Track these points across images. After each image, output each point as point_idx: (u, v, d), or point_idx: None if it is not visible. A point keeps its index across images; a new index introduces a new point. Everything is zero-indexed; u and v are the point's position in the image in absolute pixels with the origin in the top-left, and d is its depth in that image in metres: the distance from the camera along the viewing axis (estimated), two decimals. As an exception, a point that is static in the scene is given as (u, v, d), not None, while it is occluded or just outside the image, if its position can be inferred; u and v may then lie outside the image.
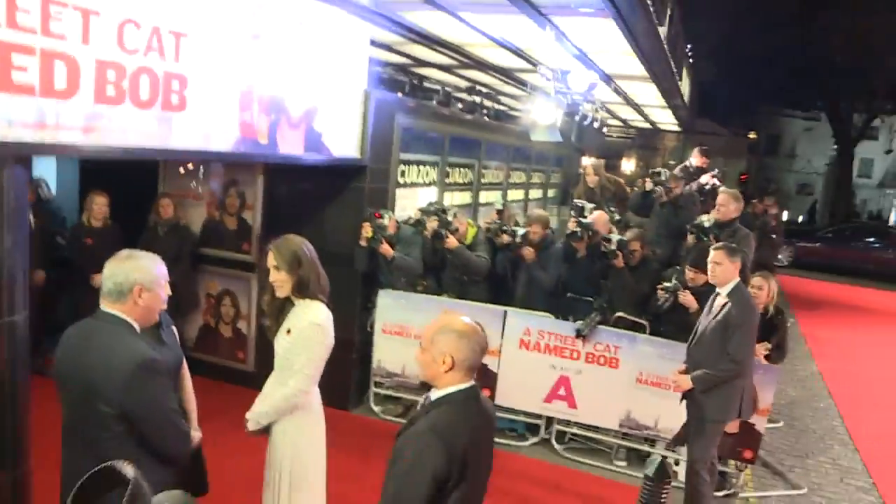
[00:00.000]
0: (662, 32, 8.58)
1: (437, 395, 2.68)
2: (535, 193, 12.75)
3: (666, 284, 5.87)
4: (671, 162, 11.54)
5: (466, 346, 2.62)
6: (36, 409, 3.71)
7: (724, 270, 4.80)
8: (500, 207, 8.06)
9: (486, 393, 6.10)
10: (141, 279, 2.89)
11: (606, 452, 6.41)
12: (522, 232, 6.76)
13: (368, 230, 6.32)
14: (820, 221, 36.07)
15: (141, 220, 7.03)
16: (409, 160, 7.68)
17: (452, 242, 6.55)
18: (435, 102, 8.81)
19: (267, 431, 3.64)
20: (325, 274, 3.62)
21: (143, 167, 7.30)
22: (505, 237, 6.81)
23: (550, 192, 13.61)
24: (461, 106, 9.68)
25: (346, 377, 6.88)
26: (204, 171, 7.36)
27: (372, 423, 6.80)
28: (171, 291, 3.06)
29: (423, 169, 8.12)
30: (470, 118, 9.50)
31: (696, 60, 15.63)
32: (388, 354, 6.81)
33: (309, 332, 3.46)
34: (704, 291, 5.37)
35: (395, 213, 6.88)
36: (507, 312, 6.43)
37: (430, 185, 8.39)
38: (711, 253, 4.90)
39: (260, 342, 6.89)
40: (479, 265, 6.68)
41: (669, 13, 9.43)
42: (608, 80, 8.94)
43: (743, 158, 29.81)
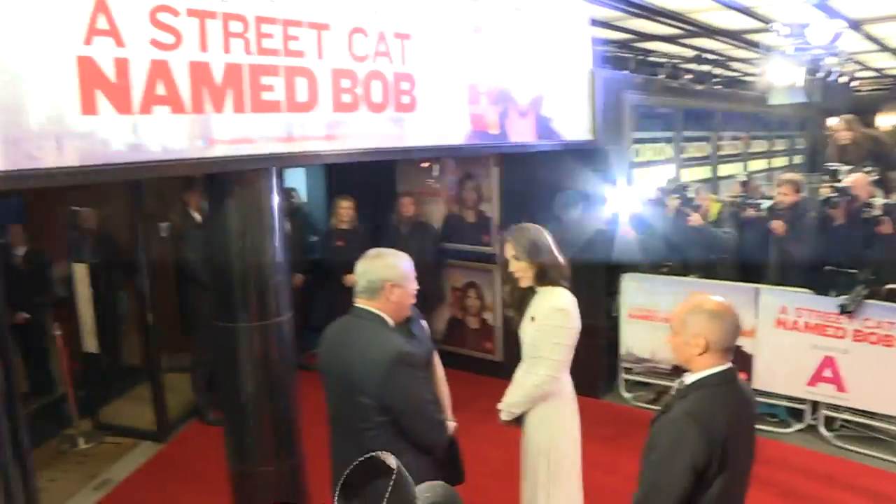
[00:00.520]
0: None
1: (691, 378, 2.54)
2: (778, 162, 11.94)
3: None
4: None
5: (720, 326, 2.47)
6: (302, 401, 3.97)
7: None
8: (744, 179, 7.59)
9: (742, 377, 5.87)
10: (391, 276, 3.00)
11: (888, 442, 5.78)
12: (768, 204, 6.28)
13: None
14: None
15: (385, 219, 7.35)
16: (642, 138, 7.44)
17: (696, 220, 6.24)
18: (663, 76, 8.46)
19: (520, 421, 3.64)
20: (564, 259, 3.56)
21: (382, 170, 7.65)
22: (751, 210, 6.38)
23: (796, 158, 12.67)
24: (690, 77, 9.23)
25: (594, 364, 6.79)
26: (440, 167, 7.56)
27: (623, 409, 6.67)
28: (418, 286, 3.16)
29: (657, 146, 7.85)
30: (702, 88, 9.02)
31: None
32: (636, 339, 6.65)
33: (553, 317, 3.42)
34: None
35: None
36: (759, 290, 6.02)
37: (666, 161, 8.09)
38: None
39: (506, 332, 6.98)
40: (725, 242, 6.32)
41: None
42: (856, 26, 8.10)
43: None
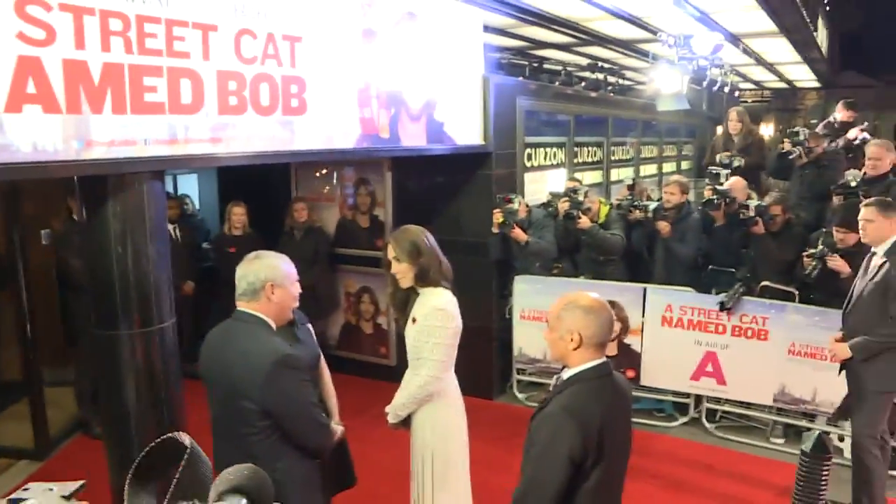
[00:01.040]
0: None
1: (568, 374, 2.61)
2: (668, 167, 12.37)
3: (812, 250, 5.48)
4: (813, 121, 10.87)
5: (594, 321, 2.55)
6: (194, 411, 3.88)
7: (876, 228, 4.43)
8: (630, 182, 7.83)
9: (630, 374, 6.10)
10: (271, 276, 2.97)
11: (762, 430, 6.09)
12: (654, 206, 6.51)
13: (499, 216, 6.27)
14: None
15: (278, 226, 7.27)
16: (534, 143, 7.59)
17: (585, 222, 6.39)
18: (557, 84, 8.67)
19: (408, 423, 3.66)
20: (446, 260, 3.60)
21: (276, 175, 7.57)
22: (637, 212, 6.60)
23: (684, 164, 13.16)
24: (584, 84, 9.49)
25: (487, 366, 6.89)
26: (334, 172, 7.54)
27: (516, 410, 6.76)
28: (301, 290, 3.14)
29: (549, 151, 8.02)
30: (594, 95, 9.30)
31: (834, 9, 14.62)
32: (528, 341, 6.74)
33: (433, 317, 3.44)
34: (856, 253, 4.99)
35: (525, 197, 6.81)
36: (646, 290, 6.24)
37: (558, 166, 8.27)
38: (862, 210, 4.53)
39: (400, 336, 6.98)
40: (613, 244, 6.50)
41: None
42: (735, 40, 8.53)
43: (899, 109, 27.65)
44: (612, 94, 9.95)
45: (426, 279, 3.49)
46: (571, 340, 2.54)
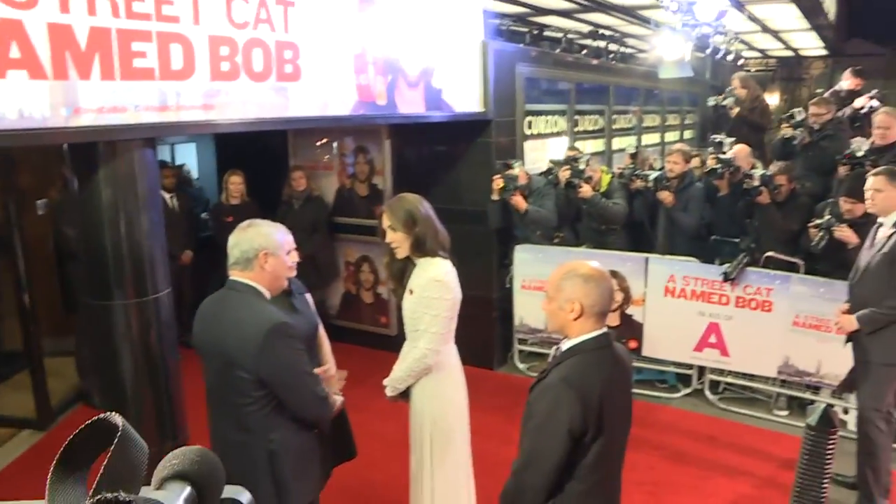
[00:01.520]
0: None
1: (567, 344, 2.54)
2: (670, 136, 12.25)
3: (818, 221, 5.39)
4: (818, 90, 10.73)
5: (594, 290, 2.47)
6: (193, 380, 3.83)
7: (885, 198, 4.32)
8: (633, 151, 7.72)
9: (632, 344, 6.04)
10: (264, 244, 2.90)
11: (765, 402, 6.06)
12: (656, 175, 6.40)
13: (500, 182, 6.20)
14: None
15: (277, 195, 7.20)
16: (535, 111, 7.50)
17: (587, 191, 6.31)
18: (558, 51, 8.54)
19: (406, 396, 3.60)
20: (443, 229, 3.51)
21: (274, 144, 7.49)
22: (639, 182, 6.51)
23: (687, 133, 13.03)
24: (585, 52, 9.35)
25: (488, 336, 6.86)
26: (332, 141, 7.45)
27: (517, 380, 6.73)
28: (301, 259, 3.08)
29: (550, 119, 7.92)
30: (596, 63, 9.16)
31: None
32: (529, 310, 6.70)
33: (430, 289, 3.36)
34: (863, 223, 4.90)
35: (525, 165, 6.72)
36: (648, 259, 6.17)
37: (559, 134, 8.17)
38: (870, 179, 4.42)
39: (400, 305, 6.96)
40: (615, 213, 6.42)
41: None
42: (739, 5, 8.37)
43: (907, 77, 27.42)
44: (613, 61, 9.81)
45: (423, 249, 3.40)
46: (571, 311, 2.47)
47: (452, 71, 5.68)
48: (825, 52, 15.20)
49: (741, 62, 13.37)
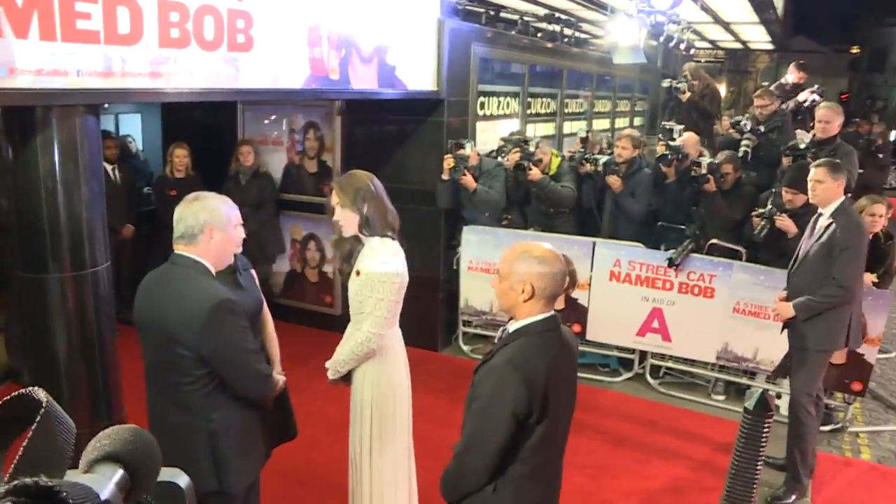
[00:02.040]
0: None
1: (515, 326, 2.52)
2: (621, 122, 12.36)
3: (761, 210, 5.50)
4: (764, 83, 10.92)
5: (547, 273, 2.46)
6: (131, 357, 3.74)
7: (825, 189, 4.43)
8: (583, 135, 7.75)
9: (576, 328, 6.09)
10: (211, 219, 2.82)
11: (703, 386, 6.19)
12: (605, 160, 6.44)
13: (450, 161, 6.17)
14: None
15: (224, 169, 7.06)
16: (488, 91, 7.47)
17: (536, 174, 6.31)
18: (514, 33, 8.52)
19: (349, 379, 3.54)
20: (393, 209, 3.45)
21: (223, 118, 7.34)
22: (589, 166, 6.54)
23: (637, 120, 13.17)
24: (540, 35, 9.34)
25: (433, 317, 6.84)
26: (282, 116, 7.33)
27: (461, 362, 6.75)
28: (246, 236, 3.00)
29: (503, 100, 7.90)
30: (550, 46, 9.16)
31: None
32: (475, 292, 6.70)
33: (376, 272, 3.30)
34: (803, 214, 5.02)
35: (476, 146, 6.70)
36: (595, 244, 6.21)
37: (511, 116, 8.16)
38: (812, 171, 4.53)
39: (345, 286, 6.90)
40: (564, 196, 6.44)
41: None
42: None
43: (844, 77, 28.10)
44: (568, 45, 9.83)
45: (371, 229, 3.34)
46: (523, 292, 2.45)
47: (407, 48, 5.62)
48: (772, 46, 15.48)
49: (692, 52, 13.53)
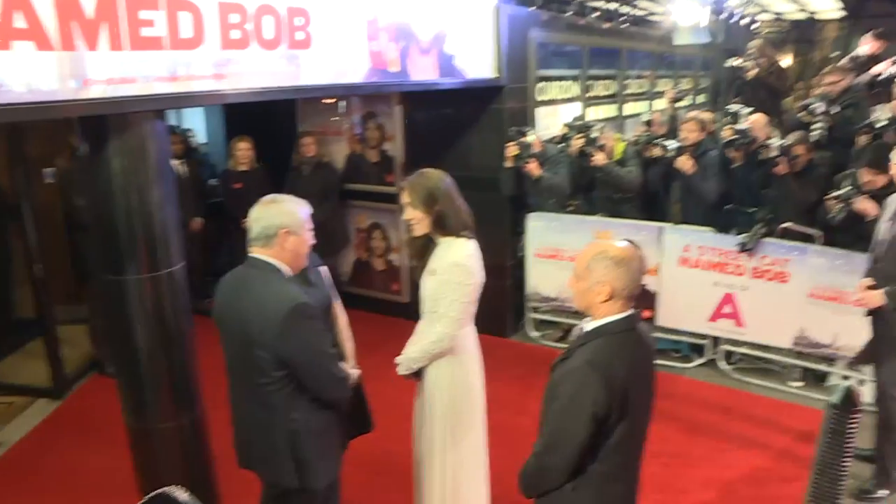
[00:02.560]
0: None
1: (592, 325, 2.47)
2: (683, 101, 12.09)
3: (837, 192, 5.29)
4: (833, 54, 10.53)
5: (625, 273, 2.39)
6: (204, 350, 3.80)
7: (910, 169, 4.24)
8: (648, 119, 7.59)
9: (646, 314, 5.98)
10: (286, 223, 2.85)
11: (779, 372, 6.02)
12: (676, 145, 6.24)
13: (514, 149, 6.11)
14: None
15: (286, 160, 7.12)
16: (547, 76, 7.38)
17: (600, 159, 6.21)
18: (570, 14, 8.38)
19: (419, 375, 3.51)
20: (467, 207, 3.39)
21: (282, 109, 7.39)
22: (657, 150, 6.37)
23: (699, 98, 12.86)
24: (597, 15, 9.17)
25: (501, 304, 6.82)
26: (342, 106, 7.35)
27: (530, 348, 6.73)
28: (315, 230, 3.02)
29: (563, 84, 7.80)
30: (608, 27, 8.99)
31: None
32: (542, 279, 6.67)
33: (451, 272, 3.25)
34: (884, 195, 4.79)
35: (537, 132, 6.62)
36: (663, 229, 6.10)
37: (571, 100, 8.05)
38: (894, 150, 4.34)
39: (413, 273, 6.93)
40: (629, 181, 6.32)
41: None
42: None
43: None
44: (625, 25, 9.63)
45: (445, 228, 3.30)
46: (601, 292, 2.40)
47: (465, 36, 5.57)
48: (843, 11, 14.84)
49: (755, 26, 13.14)
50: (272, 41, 3.80)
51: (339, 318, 3.41)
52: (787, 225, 5.71)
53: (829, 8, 13.76)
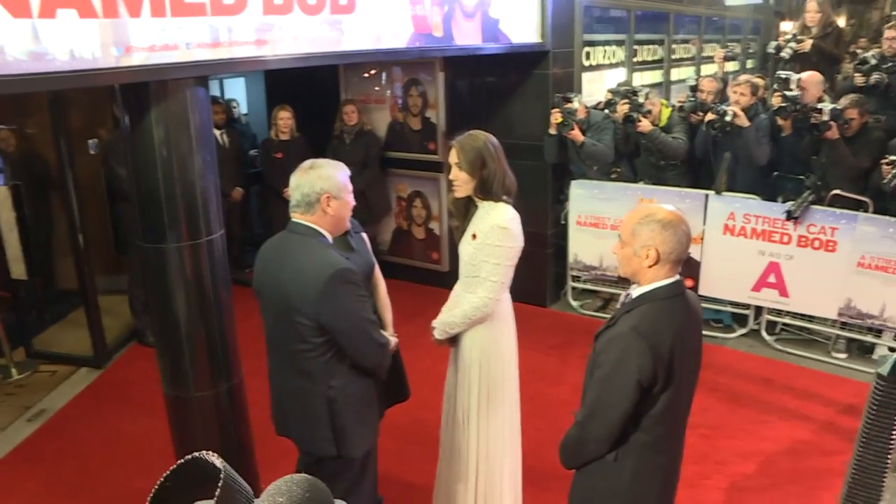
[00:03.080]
0: None
1: (639, 291, 2.42)
2: (731, 66, 11.81)
3: (892, 157, 5.13)
4: (893, 13, 10.14)
5: (672, 237, 2.33)
6: (244, 319, 3.83)
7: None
8: (692, 84, 7.41)
9: (689, 283, 5.84)
10: (327, 187, 2.83)
11: (823, 343, 5.91)
12: (731, 115, 5.90)
13: (558, 116, 6.03)
14: None
15: (327, 129, 7.12)
16: (593, 41, 7.26)
17: (645, 125, 6.09)
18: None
19: (454, 341, 3.45)
20: (511, 174, 3.31)
21: (324, 78, 7.38)
22: (711, 115, 6.13)
23: (749, 63, 12.56)
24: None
25: (541, 273, 6.79)
26: (384, 73, 7.31)
27: (570, 318, 6.69)
28: (364, 196, 2.99)
29: (608, 49, 7.67)
30: (655, -10, 8.81)
31: None
32: (583, 247, 6.60)
33: (493, 236, 3.18)
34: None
35: (581, 98, 6.51)
36: (708, 196, 5.98)
37: (617, 65, 7.92)
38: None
39: (452, 242, 6.90)
40: (675, 148, 6.19)
41: None
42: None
43: None
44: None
45: (488, 193, 3.22)
46: (647, 257, 2.35)
47: (509, 0, 5.47)
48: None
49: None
50: (315, 6, 3.77)
51: (378, 284, 3.40)
52: (836, 192, 5.56)
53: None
